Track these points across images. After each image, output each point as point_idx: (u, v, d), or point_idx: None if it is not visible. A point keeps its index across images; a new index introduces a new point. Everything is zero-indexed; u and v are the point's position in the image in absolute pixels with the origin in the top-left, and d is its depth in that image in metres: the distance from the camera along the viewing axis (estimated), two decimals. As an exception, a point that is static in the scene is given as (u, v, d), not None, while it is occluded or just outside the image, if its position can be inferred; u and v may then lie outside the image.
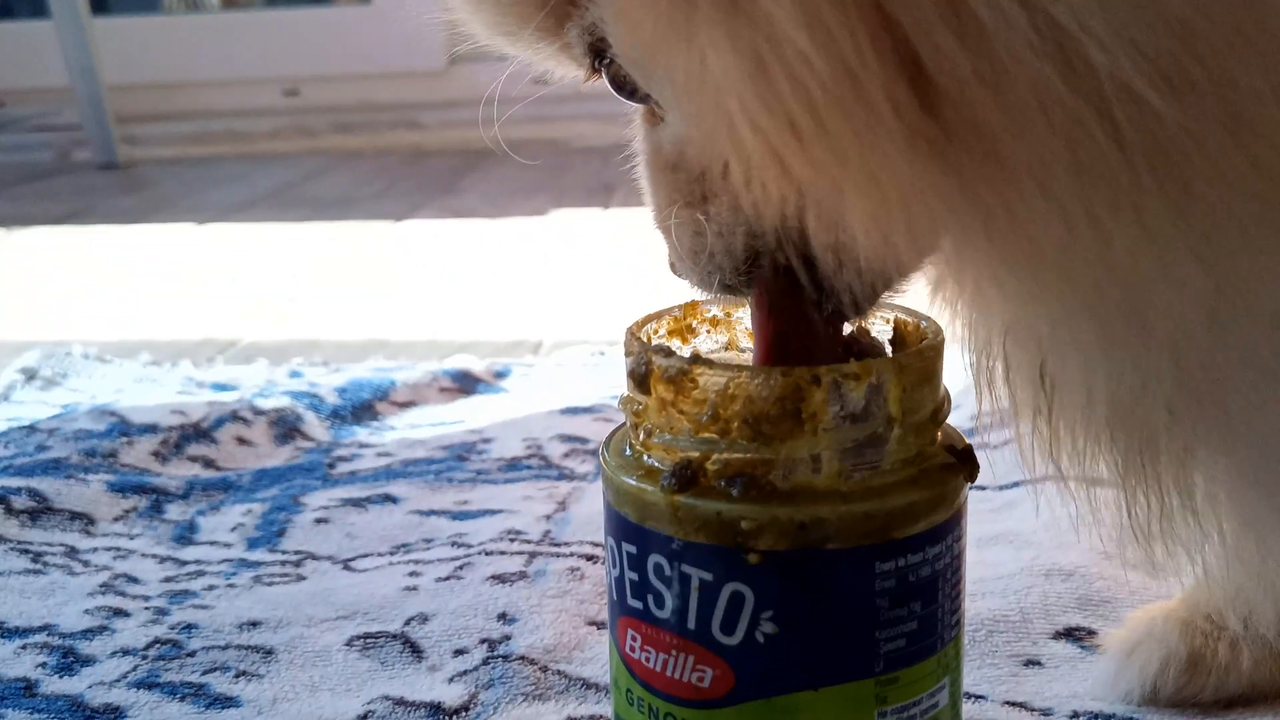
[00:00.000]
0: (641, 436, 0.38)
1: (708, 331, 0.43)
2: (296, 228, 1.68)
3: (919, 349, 0.38)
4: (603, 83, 0.39)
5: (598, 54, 0.37)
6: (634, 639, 0.38)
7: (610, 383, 0.96)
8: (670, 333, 0.43)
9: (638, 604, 0.38)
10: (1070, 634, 0.56)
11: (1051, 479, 0.44)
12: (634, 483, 0.37)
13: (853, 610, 0.36)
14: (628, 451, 0.39)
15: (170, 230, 1.70)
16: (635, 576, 0.38)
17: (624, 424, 0.40)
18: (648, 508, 0.37)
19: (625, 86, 0.38)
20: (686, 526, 0.36)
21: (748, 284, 0.39)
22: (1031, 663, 0.54)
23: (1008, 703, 0.52)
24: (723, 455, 0.36)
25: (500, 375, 1.01)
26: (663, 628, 0.37)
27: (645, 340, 0.41)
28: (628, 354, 0.38)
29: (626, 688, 0.39)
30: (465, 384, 0.99)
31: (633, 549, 0.38)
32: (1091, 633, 0.56)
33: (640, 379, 0.37)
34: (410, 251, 1.54)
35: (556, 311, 1.22)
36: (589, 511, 0.73)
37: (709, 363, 0.36)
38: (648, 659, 0.38)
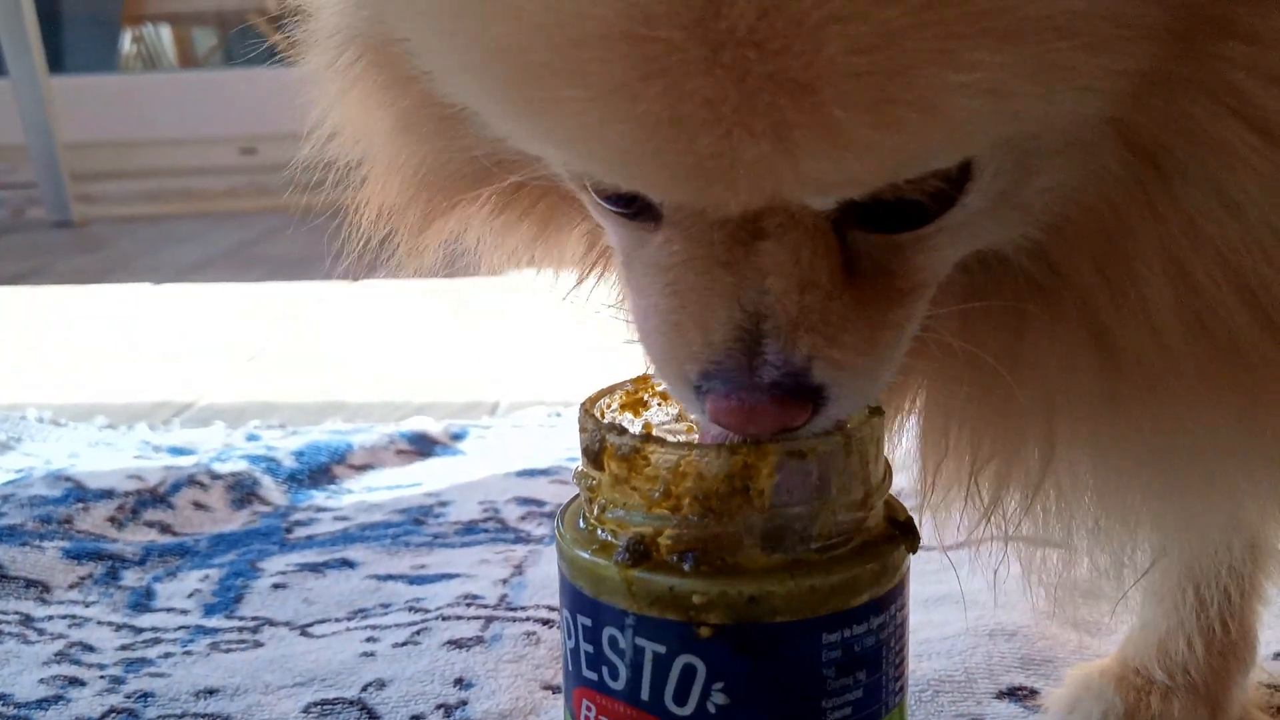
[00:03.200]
0: (596, 511, 0.39)
1: (659, 404, 0.45)
2: (253, 288, 1.68)
3: (861, 424, 0.39)
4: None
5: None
6: (589, 709, 0.39)
7: (566, 444, 0.98)
8: (623, 406, 0.44)
9: (592, 675, 0.39)
10: (1013, 694, 0.58)
11: (995, 540, 0.46)
12: (588, 557, 0.38)
13: (801, 680, 0.37)
14: (582, 524, 0.40)
15: (126, 291, 1.70)
16: (590, 648, 0.39)
17: (579, 496, 0.41)
18: (602, 581, 0.38)
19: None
20: (640, 600, 0.37)
21: None
22: (977, 723, 0.56)
23: (954, 763, 0.53)
24: (674, 531, 0.37)
25: (457, 437, 1.02)
26: (617, 698, 0.38)
27: (598, 416, 0.42)
28: (582, 430, 0.40)
29: (582, 757, 0.40)
30: (422, 446, 1.00)
31: (587, 621, 0.39)
32: (1034, 692, 0.58)
33: (594, 455, 0.39)
34: (367, 311, 1.55)
35: (514, 371, 1.23)
36: (545, 575, 0.73)
37: (660, 441, 0.38)
38: (602, 729, 0.39)
